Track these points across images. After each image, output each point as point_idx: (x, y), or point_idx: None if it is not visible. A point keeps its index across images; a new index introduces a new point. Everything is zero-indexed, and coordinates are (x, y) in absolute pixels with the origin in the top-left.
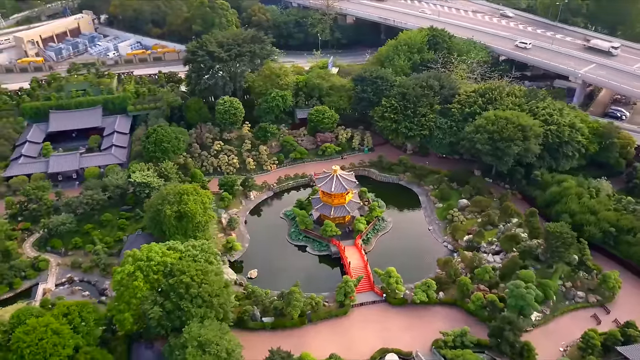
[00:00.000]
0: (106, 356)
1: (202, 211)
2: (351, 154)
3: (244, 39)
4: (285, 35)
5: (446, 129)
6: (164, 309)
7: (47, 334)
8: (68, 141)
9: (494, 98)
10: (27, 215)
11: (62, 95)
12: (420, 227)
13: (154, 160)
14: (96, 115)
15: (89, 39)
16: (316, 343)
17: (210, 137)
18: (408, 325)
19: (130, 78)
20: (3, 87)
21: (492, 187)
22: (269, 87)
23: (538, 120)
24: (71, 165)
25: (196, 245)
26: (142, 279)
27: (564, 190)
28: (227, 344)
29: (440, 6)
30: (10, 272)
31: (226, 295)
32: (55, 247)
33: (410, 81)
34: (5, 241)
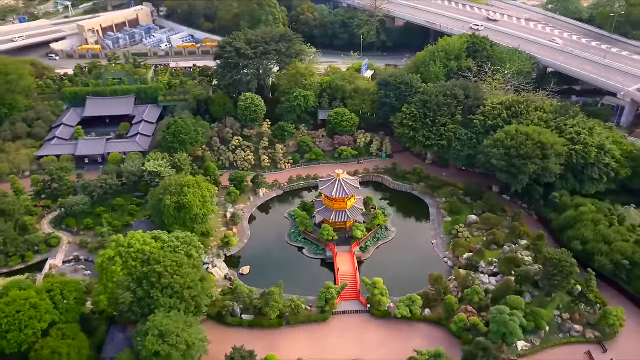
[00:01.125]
0: (78, 334)
1: (200, 204)
2: (368, 158)
3: (272, 37)
4: (330, 35)
5: (465, 140)
6: (135, 295)
7: (25, 306)
8: (101, 126)
9: (519, 111)
10: (49, 193)
11: (100, 82)
12: (424, 240)
13: (172, 150)
14: (128, 103)
15: (145, 30)
16: (289, 346)
17: (231, 132)
18: (386, 339)
19: (165, 70)
20: (57, 72)
21: (507, 205)
22: (293, 86)
23: (563, 139)
24: (97, 149)
25: (179, 237)
26: (121, 264)
27: (579, 214)
28: (188, 336)
29: (493, 12)
30: (24, 245)
31: (200, 288)
32: (69, 226)
33: (434, 89)
34: (23, 216)
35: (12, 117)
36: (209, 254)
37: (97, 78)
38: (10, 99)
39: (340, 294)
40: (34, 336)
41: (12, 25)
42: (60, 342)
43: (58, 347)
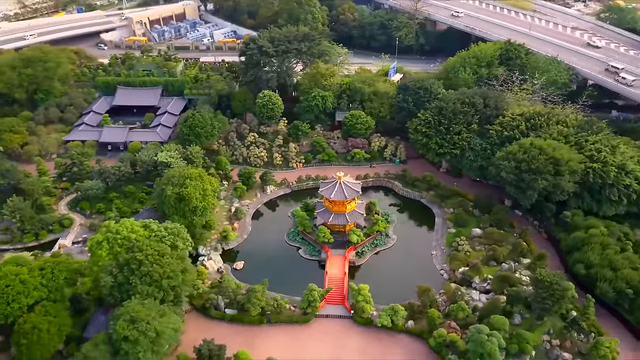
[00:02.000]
0: (60, 312)
1: (200, 197)
2: (381, 163)
3: (295, 36)
4: (367, 37)
5: (479, 151)
6: (116, 280)
7: (14, 282)
8: (129, 115)
9: (539, 124)
10: (69, 176)
11: (131, 73)
12: (424, 250)
13: (187, 143)
14: (155, 94)
15: (190, 24)
16: (266, 344)
17: (248, 128)
18: (365, 347)
19: (194, 64)
20: (102, 61)
21: (517, 221)
22: (313, 86)
23: (581, 155)
24: (119, 137)
25: (168, 228)
26: (107, 249)
27: (588, 237)
28: (158, 324)
29: (538, 19)
30: (38, 224)
31: (181, 279)
32: (83, 209)
33: (452, 95)
34: (42, 196)
35: (48, 102)
36: (207, 246)
37: (129, 69)
38: (47, 85)
39: (324, 297)
40: (20, 311)
41: (69, 15)
42: (42, 319)
43: (39, 322)
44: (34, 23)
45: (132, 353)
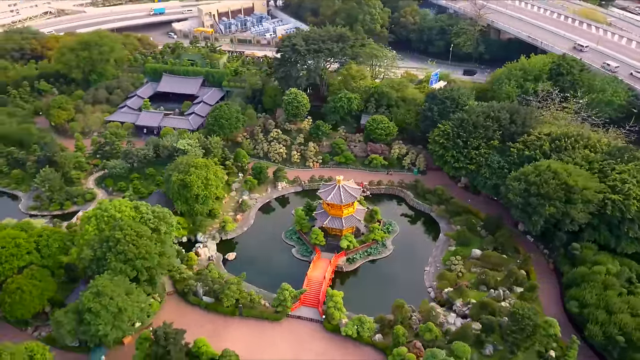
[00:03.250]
0: (46, 278)
1: (202, 186)
2: (399, 171)
3: (330, 36)
4: (425, 41)
5: (495, 168)
6: (95, 255)
7: (10, 244)
8: (170, 102)
9: (564, 147)
10: (102, 154)
11: (177, 61)
12: (418, 265)
13: (212, 132)
14: (196, 84)
15: (257, 18)
16: (230, 335)
17: (274, 123)
18: (325, 354)
19: (238, 57)
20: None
21: (526, 247)
22: (342, 87)
23: (602, 185)
24: (154, 122)
25: (155, 211)
26: (95, 225)
27: (590, 274)
28: (121, 301)
29: (611, 34)
30: (65, 195)
31: (157, 262)
32: (107, 186)
33: (478, 108)
34: (72, 170)
35: (99, 83)
36: (206, 234)
37: (176, 58)
38: (100, 67)
39: (297, 298)
40: (11, 272)
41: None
42: (27, 281)
43: (24, 284)
44: (116, 9)
45: (93, 324)
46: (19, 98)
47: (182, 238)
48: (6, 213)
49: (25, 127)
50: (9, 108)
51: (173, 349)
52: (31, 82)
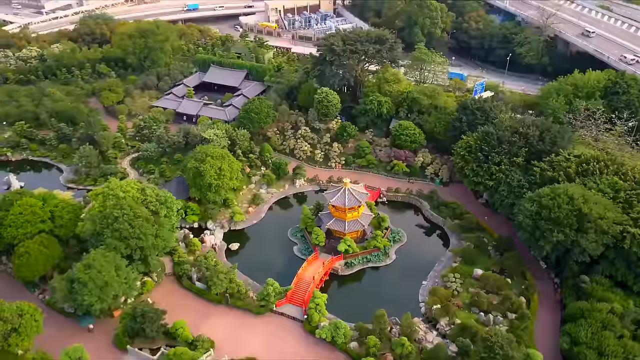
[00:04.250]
0: (54, 245)
1: (215, 175)
2: (422, 180)
3: (368, 38)
4: (485, 48)
5: (514, 187)
6: (95, 230)
7: (27, 211)
8: (214, 92)
9: (592, 171)
10: (140, 137)
11: (225, 54)
12: (416, 278)
13: (242, 125)
14: (239, 77)
15: (321, 16)
16: (211, 322)
17: (304, 122)
18: (296, 354)
19: (284, 53)
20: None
21: (536, 273)
22: (376, 90)
23: (625, 216)
24: (193, 110)
25: (159, 194)
26: (101, 202)
27: (590, 310)
28: (108, 276)
29: None
30: (99, 171)
31: (151, 243)
32: (139, 167)
33: (506, 122)
34: (110, 149)
35: (151, 70)
36: (216, 222)
37: (224, 50)
38: (154, 55)
39: (282, 295)
40: (24, 236)
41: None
42: (36, 247)
43: (32, 249)
44: (189, 1)
45: (79, 293)
46: (81, 79)
47: (194, 224)
48: (49, 183)
49: (76, 106)
50: (69, 87)
51: (148, 326)
52: (93, 65)
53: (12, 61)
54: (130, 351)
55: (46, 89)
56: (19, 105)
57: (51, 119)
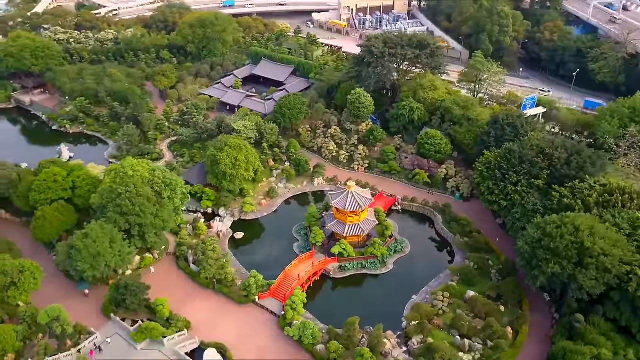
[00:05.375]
0: (69, 212)
1: (230, 165)
2: (442, 193)
3: (410, 42)
4: (557, 62)
5: (529, 210)
6: (102, 203)
7: (50, 179)
8: (261, 85)
9: (613, 203)
10: (182, 122)
11: (277, 49)
12: (408, 292)
13: (275, 119)
14: (286, 72)
15: (393, 17)
16: (194, 304)
17: (336, 121)
18: (263, 347)
19: (333, 52)
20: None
21: (535, 304)
22: (410, 95)
23: (637, 257)
24: (235, 100)
25: (167, 177)
26: (112, 178)
27: (572, 354)
28: (101, 247)
29: None
30: (138, 150)
31: (150, 222)
32: (174, 150)
33: (535, 141)
34: (151, 130)
35: (207, 59)
36: (228, 210)
37: (277, 45)
38: (211, 45)
39: (264, 288)
40: (45, 202)
41: None
42: (52, 212)
43: (48, 214)
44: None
45: (74, 260)
46: (145, 63)
47: (208, 209)
48: (95, 156)
49: (130, 87)
50: (132, 70)
51: (129, 299)
52: (158, 51)
53: (92, 42)
54: (112, 319)
55: (108, 69)
56: (84, 82)
57: (107, 98)
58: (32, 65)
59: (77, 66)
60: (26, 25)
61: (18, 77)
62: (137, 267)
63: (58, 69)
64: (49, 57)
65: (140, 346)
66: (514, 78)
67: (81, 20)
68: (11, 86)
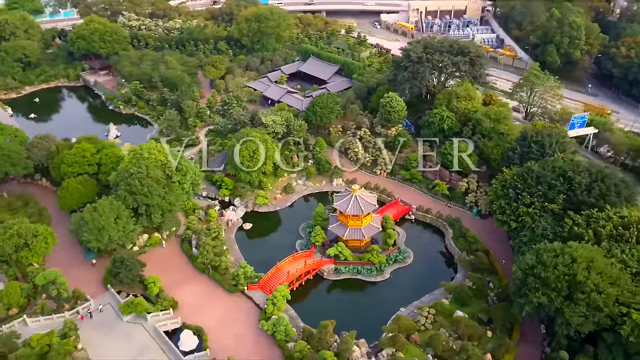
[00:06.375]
0: (91, 185)
1: (248, 156)
2: (460, 206)
3: (450, 49)
4: (630, 80)
5: (538, 235)
6: (116, 181)
7: (79, 154)
8: (306, 82)
9: (628, 237)
10: (222, 112)
11: (326, 47)
12: (398, 303)
13: (307, 117)
14: (330, 71)
15: (463, 22)
16: (185, 287)
17: (368, 124)
18: (239, 336)
19: (381, 54)
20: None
21: (529, 334)
22: (444, 103)
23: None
24: (276, 95)
25: (180, 163)
26: (130, 158)
27: None
28: (105, 221)
29: None
30: (176, 134)
31: (157, 203)
32: (210, 138)
33: (558, 162)
34: (192, 117)
35: (258, 53)
36: (243, 200)
37: (326, 43)
38: (265, 39)
39: (252, 280)
40: (71, 175)
41: None
42: (75, 185)
43: (72, 187)
44: None
45: (83, 230)
46: (202, 53)
47: (225, 198)
48: (140, 137)
49: (181, 75)
50: (189, 58)
51: (123, 272)
52: (216, 42)
53: (160, 30)
54: (109, 289)
55: (165, 56)
56: (141, 67)
57: (159, 83)
58: (99, 48)
59: (140, 52)
60: (107, 11)
61: (88, 58)
62: (144, 244)
63: (123, 53)
64: (115, 41)
65: (126, 318)
66: (580, 94)
67: (155, 9)
68: (81, 66)
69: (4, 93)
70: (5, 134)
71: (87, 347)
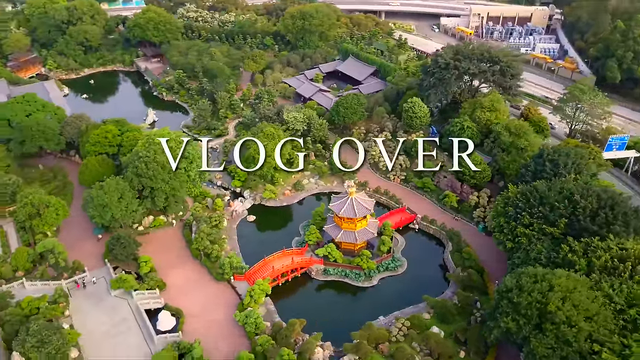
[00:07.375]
0: (108, 164)
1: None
2: (467, 221)
3: (482, 57)
4: None
5: (531, 258)
6: (127, 162)
7: (102, 135)
8: (342, 81)
9: (621, 271)
10: (253, 104)
11: (366, 48)
12: (379, 311)
13: (332, 116)
14: (366, 72)
15: (527, 30)
16: (178, 269)
17: (391, 128)
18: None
19: (420, 57)
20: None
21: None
22: (469, 112)
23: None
24: (308, 93)
25: (190, 151)
26: (144, 142)
27: None
28: (109, 199)
29: None
30: (207, 125)
31: (161, 187)
32: (238, 130)
33: (568, 184)
34: (223, 108)
35: (299, 50)
36: (252, 193)
37: (367, 44)
38: (308, 37)
39: (237, 271)
40: (93, 153)
41: None
42: (93, 163)
43: (90, 164)
44: None
45: (88, 205)
46: (249, 46)
47: (236, 189)
48: (175, 124)
49: (221, 67)
50: (234, 51)
51: (117, 249)
52: (263, 37)
53: (215, 22)
54: (106, 264)
55: (211, 48)
56: (187, 57)
57: (200, 73)
58: (153, 36)
59: (190, 42)
60: (170, 2)
61: (143, 45)
62: (149, 225)
63: (174, 42)
64: (168, 31)
65: (115, 293)
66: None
67: (215, 2)
68: (136, 52)
69: (65, 73)
70: (47, 111)
71: (74, 314)
